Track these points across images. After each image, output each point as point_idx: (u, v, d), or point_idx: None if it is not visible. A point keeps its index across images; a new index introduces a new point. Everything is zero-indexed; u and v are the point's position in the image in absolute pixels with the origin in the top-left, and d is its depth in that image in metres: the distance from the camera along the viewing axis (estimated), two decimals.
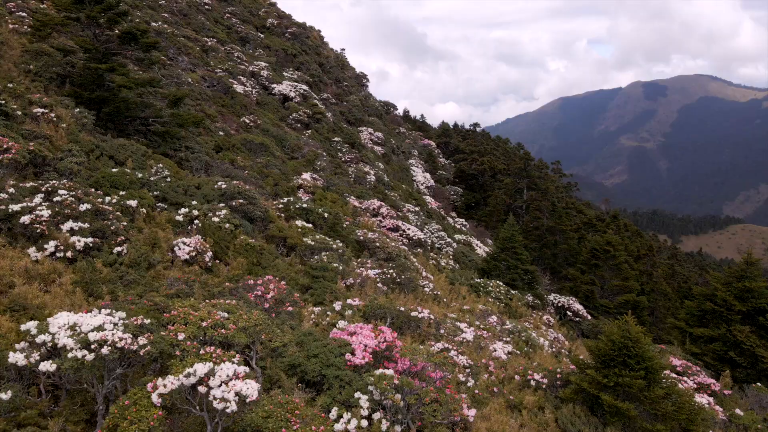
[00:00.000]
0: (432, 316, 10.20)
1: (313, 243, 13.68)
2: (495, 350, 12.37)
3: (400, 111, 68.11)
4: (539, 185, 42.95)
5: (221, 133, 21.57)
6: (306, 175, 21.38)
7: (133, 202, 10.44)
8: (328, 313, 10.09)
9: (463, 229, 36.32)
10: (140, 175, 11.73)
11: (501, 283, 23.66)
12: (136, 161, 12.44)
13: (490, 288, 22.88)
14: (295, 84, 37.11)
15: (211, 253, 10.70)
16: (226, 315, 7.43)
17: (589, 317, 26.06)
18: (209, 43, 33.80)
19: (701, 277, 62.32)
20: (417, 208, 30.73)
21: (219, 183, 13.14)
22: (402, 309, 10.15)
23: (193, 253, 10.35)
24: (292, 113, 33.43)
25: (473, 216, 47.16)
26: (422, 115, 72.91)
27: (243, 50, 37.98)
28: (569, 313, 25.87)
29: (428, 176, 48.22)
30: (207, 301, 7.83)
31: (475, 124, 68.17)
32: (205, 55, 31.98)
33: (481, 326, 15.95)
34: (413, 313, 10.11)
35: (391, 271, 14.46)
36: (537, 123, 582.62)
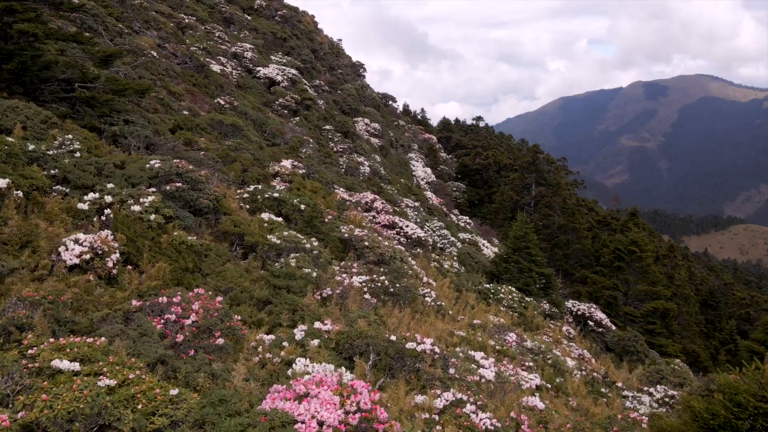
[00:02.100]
0: (437, 349, 6.92)
1: (279, 242, 10.38)
2: (522, 385, 9.12)
3: (399, 106, 64.72)
4: (549, 180, 39.63)
5: (186, 112, 18.29)
6: (286, 162, 18.09)
7: (1, 182, 7.14)
8: (285, 344, 6.81)
9: (468, 227, 33.03)
10: (32, 147, 8.43)
11: (513, 289, 20.42)
12: (32, 129, 9.13)
13: (501, 295, 19.64)
14: (284, 68, 33.78)
15: (117, 255, 7.41)
16: (76, 367, 4.15)
17: (613, 327, 22.80)
18: (186, 21, 30.47)
19: (717, 279, 59.10)
20: (417, 204, 27.44)
21: (152, 161, 9.83)
22: (393, 338, 6.86)
23: (88, 256, 7.06)
24: (279, 98, 30.11)
25: (477, 214, 43.84)
26: (422, 109, 69.51)
27: (226, 31, 34.65)
28: (591, 323, 22.61)
29: (429, 171, 44.90)
30: (52, 340, 4.54)
31: (478, 118, 64.79)
32: (181, 33, 28.66)
33: (497, 346, 12.71)
34: (410, 345, 6.82)
35: (383, 278, 11.18)
36: (537, 123, 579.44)
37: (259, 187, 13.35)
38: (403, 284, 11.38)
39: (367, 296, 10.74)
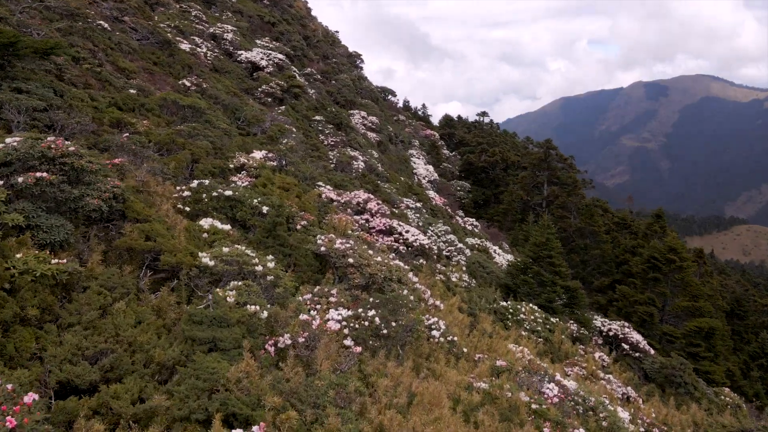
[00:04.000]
0: None
1: (213, 263, 6.82)
2: None
3: (399, 101, 60.97)
4: (562, 179, 36.06)
5: (133, 91, 14.72)
6: (257, 154, 14.53)
7: None
8: None
9: (475, 230, 29.47)
10: None
11: (535, 308, 16.92)
12: None
13: (522, 315, 16.13)
14: (269, 53, 30.20)
15: None
16: None
17: (652, 351, 19.31)
18: None
19: (738, 284, 55.57)
20: (419, 204, 23.90)
21: (8, 140, 6.27)
22: None
23: None
24: (262, 85, 26.51)
25: (482, 215, 40.29)
26: (423, 105, 65.82)
27: (206, 11, 31.05)
28: (625, 346, 19.13)
29: (431, 169, 41.33)
30: None
31: (483, 113, 61.15)
32: (149, 9, 25.09)
33: (533, 404, 9.17)
34: None
35: (372, 313, 7.63)
36: (538, 123, 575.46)
37: (206, 182, 9.78)
38: (401, 322, 7.82)
39: (348, 342, 7.20)
